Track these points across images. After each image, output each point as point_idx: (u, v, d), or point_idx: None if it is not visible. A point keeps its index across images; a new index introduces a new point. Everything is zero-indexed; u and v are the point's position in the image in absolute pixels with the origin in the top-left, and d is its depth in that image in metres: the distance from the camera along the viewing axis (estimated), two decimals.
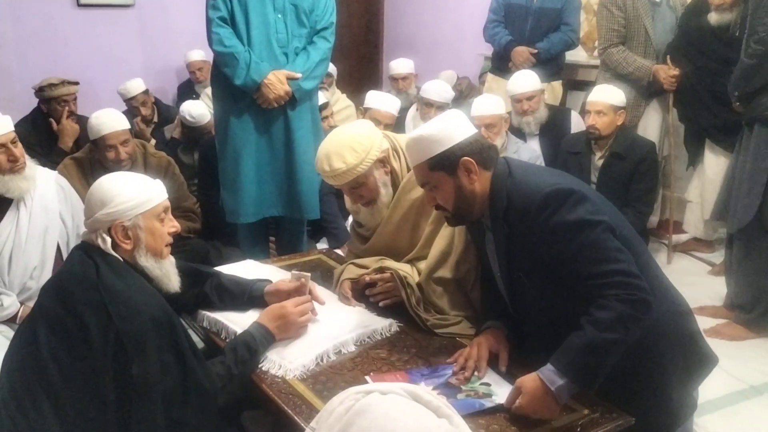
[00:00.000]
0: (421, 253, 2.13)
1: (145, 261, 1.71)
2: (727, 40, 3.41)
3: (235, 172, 3.04)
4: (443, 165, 1.74)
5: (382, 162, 2.11)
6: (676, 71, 3.66)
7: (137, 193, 1.69)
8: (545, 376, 1.57)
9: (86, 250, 1.68)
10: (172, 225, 1.77)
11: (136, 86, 4.62)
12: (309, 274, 2.02)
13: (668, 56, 3.74)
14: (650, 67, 3.77)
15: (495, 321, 1.86)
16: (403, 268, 2.09)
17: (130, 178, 1.75)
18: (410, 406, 0.81)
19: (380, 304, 2.09)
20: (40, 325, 1.61)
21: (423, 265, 2.09)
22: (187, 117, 4.00)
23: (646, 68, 3.77)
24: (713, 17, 3.41)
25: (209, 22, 2.92)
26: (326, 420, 0.81)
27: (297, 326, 1.88)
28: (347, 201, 2.27)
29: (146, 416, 1.54)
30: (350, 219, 2.98)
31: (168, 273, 1.76)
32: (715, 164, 3.66)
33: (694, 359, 1.79)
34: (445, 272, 2.05)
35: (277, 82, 2.88)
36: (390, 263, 2.13)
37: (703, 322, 3.12)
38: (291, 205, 3.11)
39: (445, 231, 2.06)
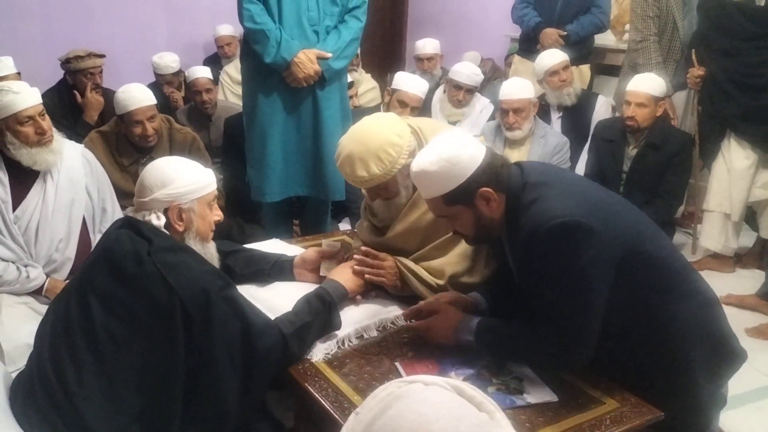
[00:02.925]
0: (429, 253, 2.03)
1: (193, 244, 1.77)
2: (750, 12, 3.11)
3: (262, 150, 3.02)
4: (460, 199, 1.66)
5: (408, 166, 1.96)
6: (701, 71, 3.42)
7: (197, 178, 1.76)
8: (462, 326, 1.72)
9: (133, 227, 1.71)
10: (217, 213, 1.84)
11: (167, 64, 4.57)
12: (340, 243, 2.03)
13: (693, 50, 3.50)
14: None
15: (479, 295, 1.90)
16: (409, 265, 2.01)
17: (187, 163, 1.80)
18: (451, 397, 0.80)
19: (365, 276, 1.98)
20: (93, 301, 1.64)
21: (433, 263, 2.00)
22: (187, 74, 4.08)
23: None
24: None
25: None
26: (368, 404, 0.82)
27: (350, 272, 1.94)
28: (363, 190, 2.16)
29: (211, 380, 1.59)
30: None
31: (211, 257, 1.82)
32: (741, 157, 3.36)
33: (723, 355, 1.76)
34: (471, 278, 2.00)
35: (307, 61, 2.85)
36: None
37: (729, 312, 3.08)
38: (317, 185, 3.09)
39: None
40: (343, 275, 1.94)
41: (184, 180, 1.73)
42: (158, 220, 1.71)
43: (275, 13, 2.88)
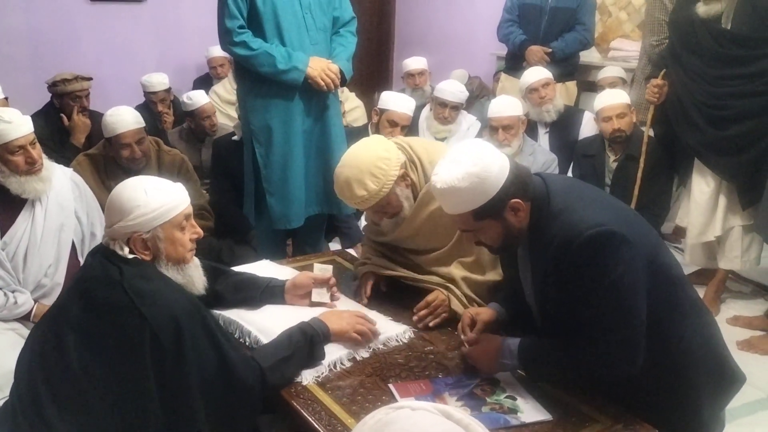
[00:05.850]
0: (437, 260, 2.14)
1: (166, 270, 1.68)
2: (715, 33, 3.01)
3: (284, 179, 2.99)
4: (490, 213, 1.62)
5: (403, 177, 2.06)
6: (660, 81, 3.29)
7: (157, 204, 1.64)
8: (505, 349, 1.71)
9: (106, 255, 1.66)
10: (194, 231, 1.74)
11: (159, 81, 4.56)
12: (331, 267, 2.07)
13: (664, 71, 3.31)
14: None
15: (498, 306, 1.92)
16: (436, 281, 2.11)
17: (152, 186, 1.67)
18: (439, 420, 0.81)
19: (431, 324, 2.03)
20: (68, 333, 1.60)
21: (456, 270, 2.11)
22: (185, 99, 4.08)
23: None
24: (701, 8, 3.01)
25: (229, 32, 2.80)
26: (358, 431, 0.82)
27: (349, 323, 1.88)
28: (367, 212, 2.21)
29: (187, 412, 1.54)
30: (363, 218, 2.97)
31: (192, 278, 1.74)
32: (702, 185, 3.27)
33: (725, 377, 1.76)
34: (484, 277, 2.11)
35: (321, 62, 2.86)
36: (425, 277, 2.14)
37: (738, 333, 3.06)
38: (329, 202, 3.08)
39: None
40: (332, 317, 1.89)
41: (143, 209, 1.62)
42: (122, 251, 1.63)
43: (277, 38, 2.84)
